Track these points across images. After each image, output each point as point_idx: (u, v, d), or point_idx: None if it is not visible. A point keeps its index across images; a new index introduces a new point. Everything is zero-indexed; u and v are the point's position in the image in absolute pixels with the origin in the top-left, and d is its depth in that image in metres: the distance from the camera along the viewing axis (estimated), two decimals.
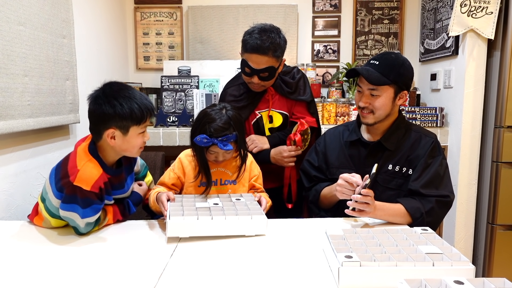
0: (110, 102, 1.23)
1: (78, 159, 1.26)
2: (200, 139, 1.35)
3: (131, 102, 1.25)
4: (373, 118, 1.45)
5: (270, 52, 1.63)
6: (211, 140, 1.35)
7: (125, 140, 1.27)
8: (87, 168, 1.23)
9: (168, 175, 1.51)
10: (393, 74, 1.40)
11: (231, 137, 1.37)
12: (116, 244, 1.21)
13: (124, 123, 1.25)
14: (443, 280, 0.82)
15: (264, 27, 1.65)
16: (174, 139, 2.33)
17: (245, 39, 1.66)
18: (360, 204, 1.27)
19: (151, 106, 1.31)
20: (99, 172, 1.25)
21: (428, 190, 1.37)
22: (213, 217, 1.23)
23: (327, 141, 1.62)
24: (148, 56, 2.96)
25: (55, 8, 1.76)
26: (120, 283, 0.96)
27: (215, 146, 1.36)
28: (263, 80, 1.69)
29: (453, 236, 2.31)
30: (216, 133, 1.36)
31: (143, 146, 1.35)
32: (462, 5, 2.12)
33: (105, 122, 1.25)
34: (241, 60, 1.71)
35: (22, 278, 0.99)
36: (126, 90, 1.28)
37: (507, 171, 2.13)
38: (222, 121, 1.37)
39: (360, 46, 2.91)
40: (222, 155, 1.42)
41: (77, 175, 1.21)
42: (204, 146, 1.37)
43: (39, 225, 1.35)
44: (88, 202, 1.21)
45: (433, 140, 1.46)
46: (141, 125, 1.28)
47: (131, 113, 1.24)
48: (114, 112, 1.23)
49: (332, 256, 1.00)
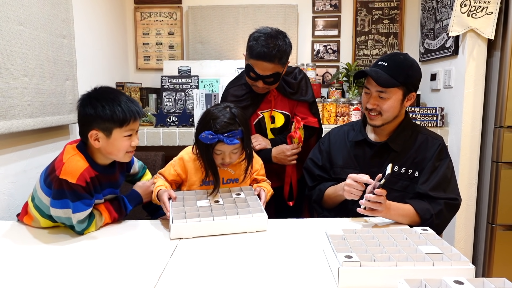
0: (93, 104, 1.24)
1: (64, 154, 1.28)
2: (205, 135, 1.32)
3: (113, 104, 1.24)
4: (381, 120, 1.44)
5: (277, 60, 1.62)
6: (216, 136, 1.33)
7: (109, 143, 1.27)
8: (72, 161, 1.24)
9: (169, 170, 1.50)
10: (402, 76, 1.39)
11: (237, 133, 1.34)
12: (116, 244, 1.21)
13: (106, 124, 1.24)
14: (443, 280, 0.82)
15: (270, 33, 1.63)
16: (174, 139, 2.33)
17: (252, 45, 1.64)
18: (373, 203, 1.27)
19: (137, 110, 1.29)
20: (84, 165, 1.25)
21: (437, 192, 1.37)
22: (215, 218, 1.26)
23: (331, 140, 1.61)
24: (148, 56, 2.96)
25: (55, 8, 1.76)
26: (120, 283, 0.96)
27: (221, 144, 1.34)
28: (267, 84, 1.69)
29: (453, 236, 2.31)
30: (222, 129, 1.33)
31: (133, 151, 1.34)
32: (462, 5, 2.12)
33: (88, 124, 1.25)
34: (246, 64, 1.70)
35: (22, 278, 0.99)
36: (112, 93, 1.28)
37: (507, 171, 2.13)
38: (227, 117, 1.36)
39: (360, 46, 2.91)
40: (229, 155, 1.40)
41: (63, 168, 1.22)
42: (209, 143, 1.33)
43: (29, 224, 1.35)
44: (76, 195, 1.22)
45: (440, 142, 1.46)
46: (124, 128, 1.27)
47: (112, 114, 1.23)
48: (95, 113, 1.23)
49: (332, 256, 1.00)
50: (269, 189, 1.52)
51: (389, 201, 1.32)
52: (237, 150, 1.40)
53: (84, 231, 1.28)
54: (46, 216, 1.29)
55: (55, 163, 1.27)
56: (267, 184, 1.56)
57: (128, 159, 1.35)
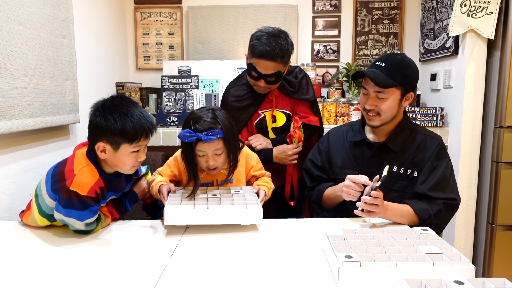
0: (105, 116, 1.22)
1: (75, 163, 1.25)
2: (183, 133, 1.32)
3: (125, 119, 1.22)
4: (380, 121, 1.44)
5: (279, 58, 1.63)
6: (194, 134, 1.32)
7: (115, 156, 1.25)
8: (83, 174, 1.22)
9: (166, 170, 1.51)
10: (400, 76, 1.39)
11: (216, 132, 1.33)
12: (116, 244, 1.21)
13: (115, 138, 1.22)
14: (443, 280, 0.82)
15: (272, 32, 1.64)
16: (174, 139, 2.33)
17: (254, 44, 1.64)
18: (370, 205, 1.26)
19: (149, 127, 1.27)
20: (95, 178, 1.24)
21: (435, 192, 1.37)
22: (209, 206, 1.27)
23: (330, 141, 1.61)
24: (148, 56, 2.96)
25: (55, 8, 1.76)
26: (120, 283, 0.96)
27: (201, 143, 1.33)
28: (269, 83, 1.70)
29: (453, 236, 2.31)
30: (200, 127, 1.33)
31: (138, 165, 1.33)
32: (462, 5, 2.12)
33: (97, 134, 1.24)
34: (248, 64, 1.70)
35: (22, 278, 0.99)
36: (126, 106, 1.25)
37: (507, 171, 2.13)
38: (208, 117, 1.35)
39: (360, 46, 2.91)
40: (212, 157, 1.38)
41: (73, 180, 1.20)
42: (187, 141, 1.33)
43: (27, 222, 1.34)
44: (85, 204, 1.21)
45: (439, 142, 1.46)
46: (133, 144, 1.24)
47: (123, 130, 1.21)
48: (106, 126, 1.21)
49: (332, 256, 1.00)
50: (270, 186, 1.52)
51: (387, 202, 1.31)
52: (220, 151, 1.39)
53: (91, 232, 1.28)
54: (44, 215, 1.29)
55: (65, 172, 1.24)
56: (268, 180, 1.56)
57: (132, 172, 1.35)
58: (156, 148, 2.27)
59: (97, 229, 1.30)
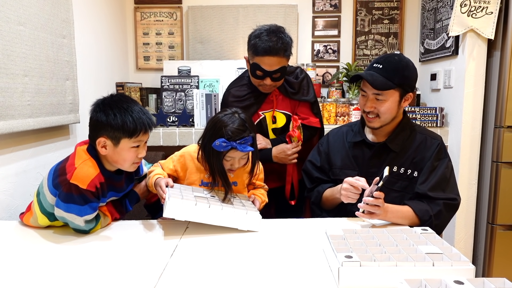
0: (105, 111, 1.25)
1: (76, 157, 1.27)
2: (219, 143, 1.31)
3: (125, 114, 1.24)
4: (379, 122, 1.44)
5: (282, 52, 1.64)
6: (230, 143, 1.32)
7: (115, 152, 1.27)
8: (84, 167, 1.24)
9: (168, 164, 1.49)
10: (398, 78, 1.39)
11: (248, 139, 1.34)
12: (116, 244, 1.21)
13: (115, 133, 1.25)
14: (443, 280, 0.82)
15: (270, 28, 1.65)
16: (174, 139, 2.33)
17: (255, 42, 1.64)
18: (371, 206, 1.26)
19: (148, 122, 1.29)
20: (96, 171, 1.25)
21: (436, 193, 1.37)
22: (211, 205, 1.27)
23: (330, 142, 1.61)
24: (148, 56, 2.96)
25: (55, 8, 1.76)
26: (120, 283, 0.96)
27: (233, 151, 1.34)
28: (275, 80, 1.70)
29: (453, 236, 2.31)
30: (234, 136, 1.33)
31: (139, 161, 1.34)
32: (462, 5, 2.12)
33: (98, 130, 1.26)
34: (251, 65, 1.70)
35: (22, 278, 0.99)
36: (125, 102, 1.28)
37: (507, 171, 2.13)
38: (237, 124, 1.35)
39: (360, 46, 2.91)
40: (238, 161, 1.39)
41: (74, 173, 1.22)
42: (223, 150, 1.33)
43: (27, 223, 1.34)
44: (85, 199, 1.22)
45: (439, 142, 1.45)
46: (133, 139, 1.27)
47: (123, 124, 1.24)
48: (106, 121, 1.24)
49: (332, 256, 1.00)
50: (263, 199, 1.53)
51: (387, 204, 1.31)
52: (246, 156, 1.41)
53: (90, 230, 1.28)
54: (45, 213, 1.29)
55: (66, 166, 1.26)
56: (264, 192, 1.56)
57: (133, 169, 1.35)
58: (156, 148, 2.27)
59: (96, 229, 1.30)
